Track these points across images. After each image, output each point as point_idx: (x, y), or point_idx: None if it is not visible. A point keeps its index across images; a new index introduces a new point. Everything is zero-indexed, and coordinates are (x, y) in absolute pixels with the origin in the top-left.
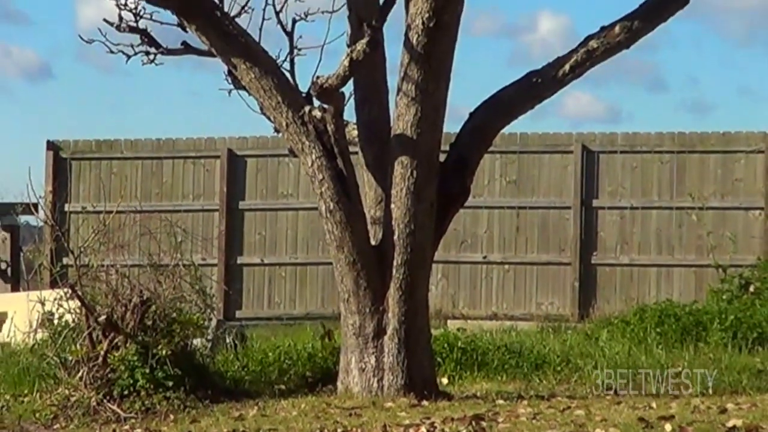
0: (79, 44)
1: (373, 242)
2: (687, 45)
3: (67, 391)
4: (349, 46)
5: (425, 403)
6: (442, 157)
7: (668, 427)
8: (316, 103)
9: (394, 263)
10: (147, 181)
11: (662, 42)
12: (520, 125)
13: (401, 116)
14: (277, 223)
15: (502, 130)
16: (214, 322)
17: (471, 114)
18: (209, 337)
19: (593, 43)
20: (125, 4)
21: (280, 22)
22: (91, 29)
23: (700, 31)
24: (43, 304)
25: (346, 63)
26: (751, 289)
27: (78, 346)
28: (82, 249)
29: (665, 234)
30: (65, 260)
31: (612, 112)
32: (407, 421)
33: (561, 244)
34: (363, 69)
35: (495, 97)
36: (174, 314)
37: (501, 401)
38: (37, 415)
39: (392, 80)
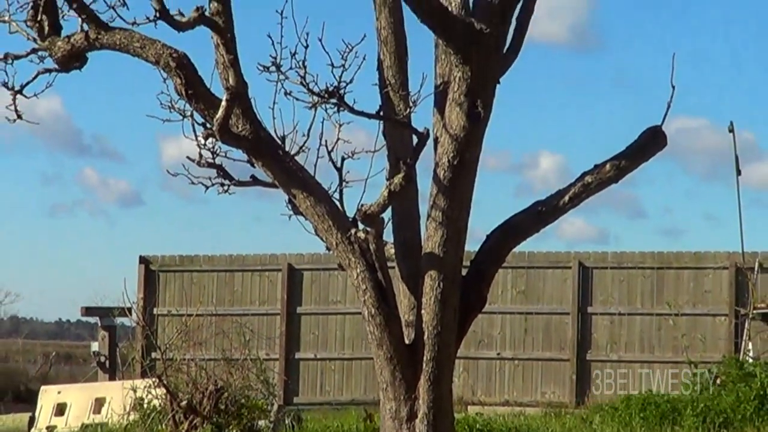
0: (164, 176)
1: (407, 341)
2: (662, 180)
3: None
4: (387, 179)
5: None
6: (464, 272)
7: None
8: (361, 226)
9: (424, 359)
10: (221, 289)
11: (641, 177)
12: (527, 245)
13: (430, 238)
14: (328, 324)
15: (513, 249)
16: (275, 407)
17: (488, 236)
18: (271, 419)
19: (588, 178)
20: (204, 144)
21: (331, 159)
22: (172, 163)
23: (672, 168)
24: (135, 391)
25: (386, 194)
26: (718, 381)
27: (163, 426)
28: (167, 345)
29: (647, 335)
30: (153, 355)
31: (602, 235)
32: None
33: (561, 344)
34: (399, 199)
35: (507, 222)
36: (243, 400)
37: None
38: None
39: (423, 207)
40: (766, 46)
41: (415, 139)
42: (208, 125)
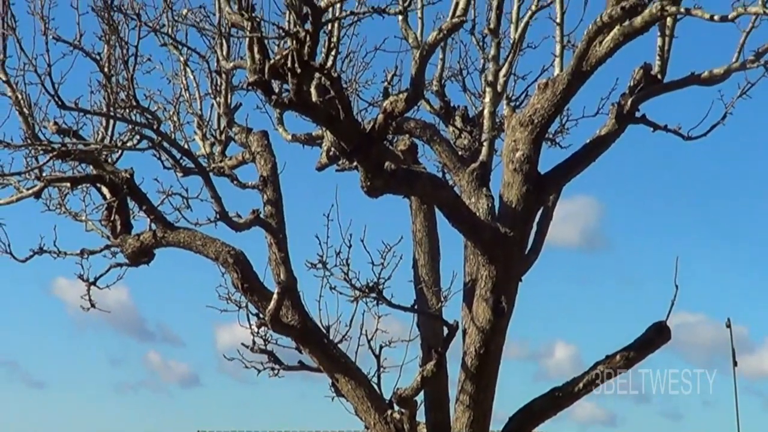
0: (221, 360)
1: None
2: (662, 368)
3: None
4: (420, 366)
5: None
6: None
7: None
8: (396, 408)
9: None
10: None
11: (643, 366)
12: (544, 427)
13: (458, 419)
14: None
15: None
16: None
17: (510, 418)
18: None
19: (600, 368)
20: (257, 332)
21: (370, 347)
22: (227, 348)
23: (672, 357)
24: None
25: (419, 379)
26: None
27: None
28: None
29: None
30: None
31: (610, 416)
32: None
33: None
34: (431, 383)
35: (528, 406)
36: None
37: None
38: None
39: (452, 391)
40: (758, 251)
41: (445, 330)
42: (260, 315)
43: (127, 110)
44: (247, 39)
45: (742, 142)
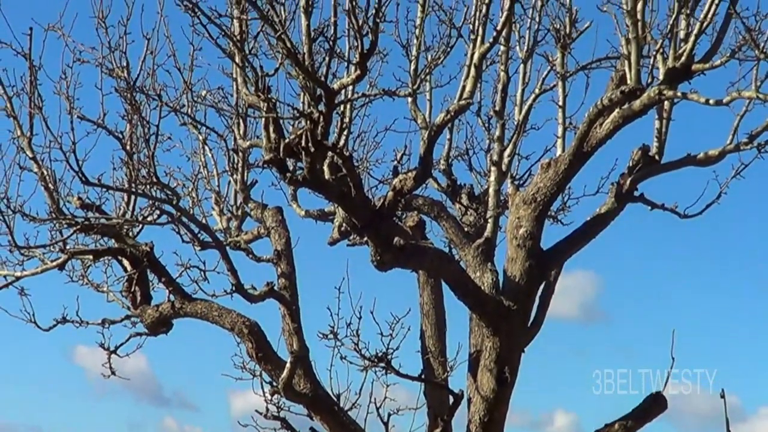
0: (235, 426)
1: None
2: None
3: None
4: None
5: None
6: None
7: None
8: None
9: None
10: None
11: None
12: None
13: None
14: None
15: None
16: None
17: None
18: None
19: None
20: (271, 400)
21: (379, 415)
22: (241, 415)
23: (667, 427)
24: None
25: None
26: None
27: None
28: None
29: None
30: None
31: None
32: None
33: None
34: None
35: None
36: None
37: None
38: None
39: None
40: (750, 324)
41: (451, 399)
42: (274, 383)
43: (148, 186)
44: (263, 119)
45: (735, 220)
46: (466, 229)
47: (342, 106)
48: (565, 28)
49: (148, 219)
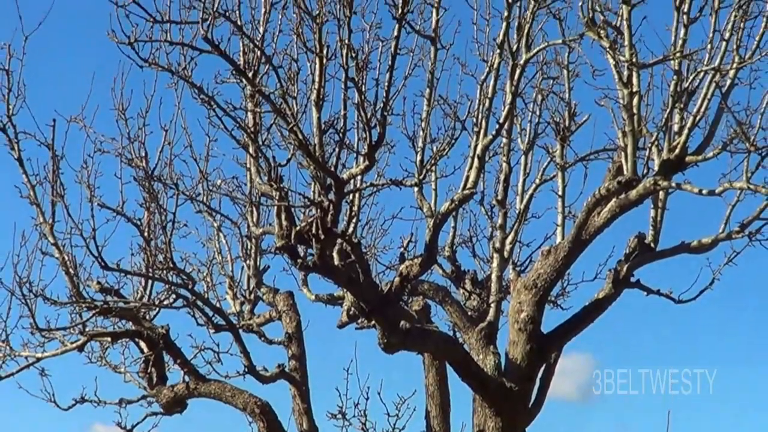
0: None
1: None
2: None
3: None
4: None
5: None
6: None
7: None
8: None
9: None
10: None
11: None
12: None
13: None
14: None
15: None
16: None
17: None
18: None
19: None
20: None
21: None
22: None
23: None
24: None
25: None
26: None
27: None
28: None
29: None
30: None
31: None
32: None
33: None
34: None
35: None
36: None
37: None
38: None
39: None
40: (742, 405)
41: None
42: None
43: (165, 271)
44: (276, 207)
45: (728, 306)
46: (469, 314)
47: (351, 195)
48: (564, 121)
49: (165, 303)
